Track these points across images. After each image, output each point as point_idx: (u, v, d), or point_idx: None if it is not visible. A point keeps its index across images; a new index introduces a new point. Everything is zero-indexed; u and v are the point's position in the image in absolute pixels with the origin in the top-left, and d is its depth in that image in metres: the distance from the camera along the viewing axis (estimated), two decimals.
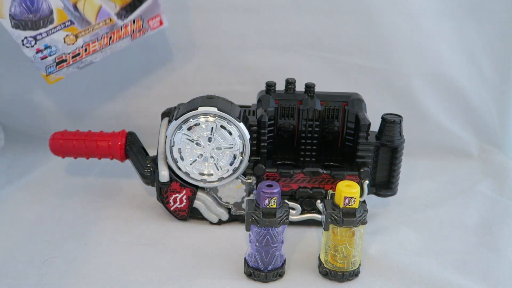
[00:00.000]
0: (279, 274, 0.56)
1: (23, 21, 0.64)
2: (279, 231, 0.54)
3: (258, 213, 0.53)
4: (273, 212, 0.54)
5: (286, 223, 0.55)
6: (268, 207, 0.53)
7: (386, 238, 0.64)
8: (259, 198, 0.53)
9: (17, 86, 0.88)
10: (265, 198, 0.52)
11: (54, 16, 0.65)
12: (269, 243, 0.54)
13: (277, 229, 0.54)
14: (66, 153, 0.71)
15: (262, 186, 0.53)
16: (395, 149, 0.66)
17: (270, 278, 0.55)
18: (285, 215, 0.54)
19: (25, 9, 0.63)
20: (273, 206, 0.53)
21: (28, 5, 0.63)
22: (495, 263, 0.60)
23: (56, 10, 0.65)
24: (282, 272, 0.57)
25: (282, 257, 0.57)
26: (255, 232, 0.54)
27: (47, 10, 0.64)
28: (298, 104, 0.66)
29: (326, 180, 0.65)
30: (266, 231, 0.54)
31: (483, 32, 0.83)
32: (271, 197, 0.52)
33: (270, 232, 0.53)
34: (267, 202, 0.52)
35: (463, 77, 0.86)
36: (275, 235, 0.54)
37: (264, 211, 0.53)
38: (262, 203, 0.53)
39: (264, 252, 0.55)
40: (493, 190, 0.78)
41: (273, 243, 0.54)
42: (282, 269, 0.57)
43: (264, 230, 0.54)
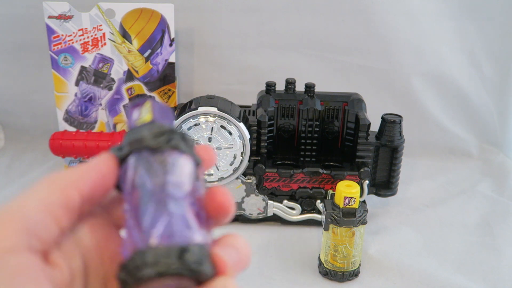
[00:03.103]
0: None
1: (72, 118, 0.75)
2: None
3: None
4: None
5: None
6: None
7: (386, 238, 0.64)
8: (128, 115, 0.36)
9: (17, 86, 0.88)
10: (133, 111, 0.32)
11: (96, 125, 0.76)
12: None
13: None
14: (66, 153, 0.71)
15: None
16: (395, 149, 0.66)
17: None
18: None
19: (78, 111, 0.74)
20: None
21: (82, 109, 0.74)
22: (495, 263, 0.60)
23: (99, 121, 0.76)
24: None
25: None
26: None
27: (94, 118, 0.76)
28: (298, 104, 0.66)
29: (326, 180, 0.65)
30: None
31: (483, 32, 0.83)
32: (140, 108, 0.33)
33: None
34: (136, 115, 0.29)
35: (463, 77, 0.86)
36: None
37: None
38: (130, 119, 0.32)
39: None
40: (493, 190, 0.78)
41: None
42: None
43: None
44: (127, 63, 0.73)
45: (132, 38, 0.72)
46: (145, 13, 0.71)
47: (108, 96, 0.75)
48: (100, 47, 0.72)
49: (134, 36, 0.72)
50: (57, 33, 0.70)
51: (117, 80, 0.74)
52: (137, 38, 0.72)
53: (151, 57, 0.73)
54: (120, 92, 0.75)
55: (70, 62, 0.72)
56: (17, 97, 0.89)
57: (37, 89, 0.87)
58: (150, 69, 0.74)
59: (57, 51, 0.71)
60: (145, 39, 0.72)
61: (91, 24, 0.70)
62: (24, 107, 0.90)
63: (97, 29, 0.71)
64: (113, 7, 0.70)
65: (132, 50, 0.72)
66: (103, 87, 0.74)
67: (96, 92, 0.74)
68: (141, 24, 0.71)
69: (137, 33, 0.72)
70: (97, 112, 0.76)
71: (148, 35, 0.72)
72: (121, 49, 0.72)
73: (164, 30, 0.72)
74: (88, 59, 0.72)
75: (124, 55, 0.73)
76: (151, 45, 0.73)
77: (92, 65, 0.73)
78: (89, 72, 0.73)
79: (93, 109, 0.75)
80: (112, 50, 0.72)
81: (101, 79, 0.74)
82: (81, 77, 0.73)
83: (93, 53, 0.72)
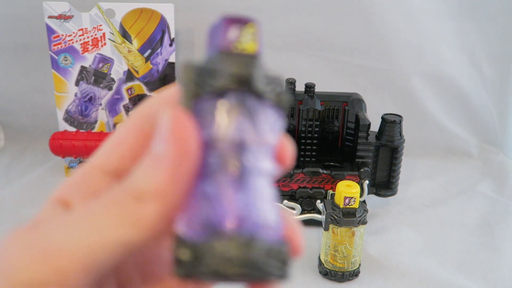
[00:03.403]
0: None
1: (72, 118, 0.76)
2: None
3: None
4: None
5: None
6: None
7: (386, 238, 0.64)
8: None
9: (17, 86, 0.88)
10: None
11: (96, 125, 0.76)
12: None
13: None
14: (66, 153, 0.71)
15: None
16: (395, 149, 0.66)
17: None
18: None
19: (78, 111, 0.75)
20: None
21: (82, 109, 0.75)
22: (495, 263, 0.60)
23: (99, 121, 0.76)
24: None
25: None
26: None
27: (94, 118, 0.76)
28: (298, 104, 0.66)
29: (326, 180, 0.65)
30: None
31: (483, 32, 0.83)
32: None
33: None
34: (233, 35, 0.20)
35: (463, 77, 0.86)
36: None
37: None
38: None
39: None
40: (493, 190, 0.78)
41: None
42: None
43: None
44: (127, 63, 0.73)
45: (132, 38, 0.72)
46: (145, 13, 0.71)
47: (108, 96, 0.75)
48: (100, 47, 0.72)
49: (134, 36, 0.72)
50: (57, 33, 0.70)
51: (117, 80, 0.74)
52: (137, 38, 0.72)
53: (151, 57, 0.73)
54: (120, 92, 0.75)
55: (70, 62, 0.72)
56: (17, 97, 0.89)
57: (37, 89, 0.87)
58: (150, 69, 0.74)
59: (57, 51, 0.71)
60: (145, 39, 0.72)
61: (91, 24, 0.70)
62: (24, 107, 0.90)
63: (97, 29, 0.71)
64: (113, 7, 0.70)
65: (132, 50, 0.73)
66: (103, 87, 0.74)
67: (96, 92, 0.74)
68: (141, 24, 0.71)
69: (137, 33, 0.72)
70: (97, 112, 0.76)
71: (148, 35, 0.72)
72: (121, 49, 0.72)
73: (164, 30, 0.72)
74: (88, 59, 0.72)
75: (124, 55, 0.73)
76: (151, 45, 0.73)
77: (92, 65, 0.73)
78: (89, 72, 0.73)
79: (93, 109, 0.75)
80: (112, 50, 0.72)
81: (101, 79, 0.74)
82: (81, 77, 0.73)
83: (93, 53, 0.72)
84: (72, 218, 0.17)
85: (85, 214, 0.17)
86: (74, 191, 0.20)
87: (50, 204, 0.20)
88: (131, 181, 0.18)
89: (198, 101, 0.19)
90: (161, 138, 0.18)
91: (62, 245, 0.16)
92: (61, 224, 0.17)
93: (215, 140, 0.18)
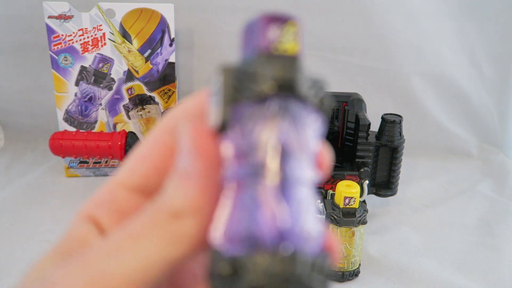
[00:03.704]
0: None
1: (72, 118, 0.75)
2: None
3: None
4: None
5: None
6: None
7: (386, 238, 0.64)
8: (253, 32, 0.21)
9: (17, 86, 0.88)
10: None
11: (96, 125, 0.76)
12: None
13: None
14: (66, 153, 0.71)
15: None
16: (395, 149, 0.66)
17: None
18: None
19: (78, 111, 0.75)
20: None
21: (82, 109, 0.75)
22: (495, 263, 0.60)
23: (99, 121, 0.76)
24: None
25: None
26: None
27: (94, 118, 0.76)
28: None
29: (326, 180, 0.65)
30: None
31: (483, 32, 0.83)
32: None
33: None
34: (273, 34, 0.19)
35: (463, 77, 0.86)
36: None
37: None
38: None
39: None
40: (493, 190, 0.78)
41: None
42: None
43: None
44: (127, 63, 0.73)
45: (132, 38, 0.72)
46: (145, 13, 0.71)
47: (108, 96, 0.75)
48: (100, 47, 0.72)
49: (134, 36, 0.72)
50: (57, 33, 0.70)
51: (117, 80, 0.74)
52: (137, 38, 0.72)
53: (151, 57, 0.73)
54: (120, 92, 0.75)
55: (70, 62, 0.72)
56: (17, 97, 0.89)
57: (37, 89, 0.87)
58: (150, 69, 0.74)
59: (57, 51, 0.71)
60: (145, 39, 0.72)
61: (91, 24, 0.70)
62: (24, 107, 0.90)
63: (97, 29, 0.71)
64: (113, 7, 0.70)
65: (132, 50, 0.73)
66: (103, 87, 0.74)
67: (96, 92, 0.74)
68: (141, 24, 0.71)
69: (137, 33, 0.72)
70: (97, 112, 0.76)
71: (148, 35, 0.72)
72: (121, 49, 0.72)
73: (164, 30, 0.72)
74: (88, 59, 0.72)
75: (124, 55, 0.73)
76: (151, 45, 0.73)
77: (92, 65, 0.73)
78: (89, 72, 0.73)
79: (93, 109, 0.75)
80: (112, 50, 0.72)
81: (101, 79, 0.74)
82: (81, 77, 0.73)
83: (93, 53, 0.72)
84: (116, 243, 0.18)
85: (128, 238, 0.18)
86: (102, 209, 0.20)
87: (82, 222, 0.21)
88: (165, 200, 0.18)
89: (237, 107, 0.17)
90: (184, 153, 0.18)
91: (112, 271, 0.17)
92: (107, 251, 0.18)
93: (256, 148, 0.17)
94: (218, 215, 0.18)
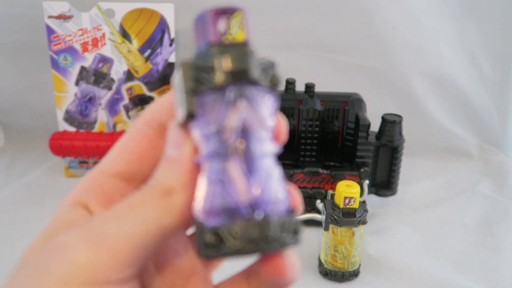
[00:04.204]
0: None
1: (72, 118, 0.75)
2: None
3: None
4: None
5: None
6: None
7: (386, 238, 0.64)
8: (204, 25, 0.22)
9: (17, 86, 0.88)
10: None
11: (96, 125, 0.76)
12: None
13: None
14: (66, 153, 0.71)
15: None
16: (395, 149, 0.66)
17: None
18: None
19: (78, 111, 0.75)
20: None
21: (82, 109, 0.75)
22: (495, 263, 0.60)
23: (99, 121, 0.76)
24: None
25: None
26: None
27: (93, 118, 0.76)
28: (298, 104, 0.66)
29: (326, 180, 0.65)
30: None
31: (483, 32, 0.83)
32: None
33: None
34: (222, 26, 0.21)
35: (463, 77, 0.86)
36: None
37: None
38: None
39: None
40: (493, 190, 0.78)
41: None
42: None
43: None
44: (127, 63, 0.73)
45: (132, 38, 0.72)
46: (145, 13, 0.71)
47: (108, 96, 0.75)
48: (100, 47, 0.72)
49: (134, 36, 0.72)
50: (57, 33, 0.70)
51: (117, 80, 0.74)
52: (137, 38, 0.72)
53: (151, 57, 0.73)
54: (120, 92, 0.75)
55: (70, 62, 0.72)
56: (17, 97, 0.89)
57: (37, 89, 0.87)
58: (150, 69, 0.74)
59: (57, 51, 0.71)
60: (145, 39, 0.72)
61: (91, 24, 0.70)
62: (24, 107, 0.90)
63: (97, 29, 0.71)
64: (113, 7, 0.70)
65: (132, 50, 0.73)
66: (103, 87, 0.74)
67: (96, 92, 0.74)
68: (141, 24, 0.71)
69: (137, 33, 0.72)
70: (97, 112, 0.76)
71: (148, 35, 0.72)
72: (121, 49, 0.72)
73: (164, 30, 0.72)
74: (88, 59, 0.72)
75: (124, 55, 0.73)
76: (151, 45, 0.73)
77: (92, 65, 0.73)
78: (89, 72, 0.73)
79: (93, 109, 0.75)
80: (112, 50, 0.72)
81: (101, 79, 0.74)
82: (81, 77, 0.73)
83: (93, 53, 0.72)
84: (116, 211, 0.21)
85: (127, 207, 0.21)
86: (89, 194, 0.23)
87: (71, 207, 0.23)
88: (159, 180, 0.22)
89: (199, 97, 0.20)
90: (171, 144, 0.22)
91: (115, 233, 0.20)
92: (109, 217, 0.21)
93: (222, 130, 0.20)
94: (198, 192, 0.21)
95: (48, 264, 0.20)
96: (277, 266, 0.21)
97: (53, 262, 0.20)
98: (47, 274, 0.19)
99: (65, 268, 0.19)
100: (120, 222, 0.20)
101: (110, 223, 0.20)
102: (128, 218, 0.21)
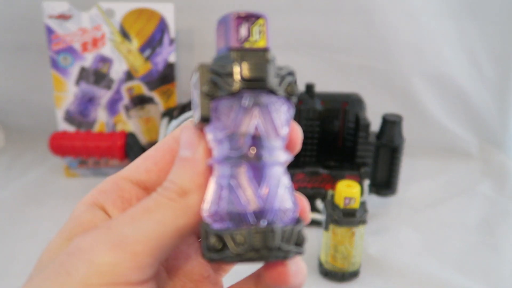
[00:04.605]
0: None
1: (72, 118, 0.75)
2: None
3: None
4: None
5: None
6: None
7: (386, 238, 0.64)
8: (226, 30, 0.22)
9: (17, 86, 0.88)
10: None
11: (96, 125, 0.76)
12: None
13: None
14: (66, 153, 0.71)
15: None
16: (395, 149, 0.66)
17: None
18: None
19: (78, 111, 0.75)
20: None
21: (82, 108, 0.75)
22: (495, 263, 0.60)
23: (99, 121, 0.76)
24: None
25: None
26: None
27: (93, 118, 0.76)
28: (298, 104, 0.66)
29: (326, 180, 0.65)
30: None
31: (483, 32, 0.83)
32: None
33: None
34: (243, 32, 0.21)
35: (463, 77, 0.86)
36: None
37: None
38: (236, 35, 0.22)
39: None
40: (493, 190, 0.78)
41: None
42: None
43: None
44: (127, 63, 0.73)
45: (132, 38, 0.72)
46: (145, 13, 0.71)
47: (108, 96, 0.75)
48: (100, 47, 0.72)
49: (134, 36, 0.72)
50: (56, 33, 0.70)
51: (116, 80, 0.74)
52: (137, 38, 0.72)
53: (151, 57, 0.73)
54: (119, 92, 0.75)
55: (70, 62, 0.72)
56: (17, 97, 0.89)
57: (36, 89, 0.87)
58: (150, 69, 0.74)
59: (57, 51, 0.71)
60: (145, 39, 0.72)
61: (91, 24, 0.70)
62: (24, 107, 0.90)
63: (97, 29, 0.71)
64: (113, 7, 0.70)
65: (132, 50, 0.72)
66: (102, 87, 0.74)
67: (96, 92, 0.74)
68: (141, 24, 0.71)
69: (137, 33, 0.72)
70: (96, 112, 0.76)
71: (148, 35, 0.72)
72: (121, 49, 0.72)
73: (164, 30, 0.72)
74: (87, 59, 0.72)
75: (124, 55, 0.73)
76: (151, 45, 0.73)
77: (92, 65, 0.73)
78: (88, 72, 0.73)
79: (92, 109, 0.75)
80: (112, 50, 0.72)
81: (101, 79, 0.74)
82: (80, 77, 0.73)
83: (92, 53, 0.72)
84: (133, 214, 0.21)
85: (144, 210, 0.22)
86: (107, 196, 0.24)
87: (88, 208, 0.24)
88: (173, 181, 0.22)
89: (216, 101, 0.20)
90: (185, 145, 0.22)
91: (134, 235, 0.21)
92: (127, 220, 0.21)
93: (235, 136, 0.20)
94: (207, 195, 0.21)
95: (69, 266, 0.20)
96: (280, 274, 0.21)
97: (74, 264, 0.20)
98: (69, 276, 0.20)
99: (87, 270, 0.20)
100: (139, 224, 0.21)
101: (129, 226, 0.21)
102: (146, 220, 0.21)
